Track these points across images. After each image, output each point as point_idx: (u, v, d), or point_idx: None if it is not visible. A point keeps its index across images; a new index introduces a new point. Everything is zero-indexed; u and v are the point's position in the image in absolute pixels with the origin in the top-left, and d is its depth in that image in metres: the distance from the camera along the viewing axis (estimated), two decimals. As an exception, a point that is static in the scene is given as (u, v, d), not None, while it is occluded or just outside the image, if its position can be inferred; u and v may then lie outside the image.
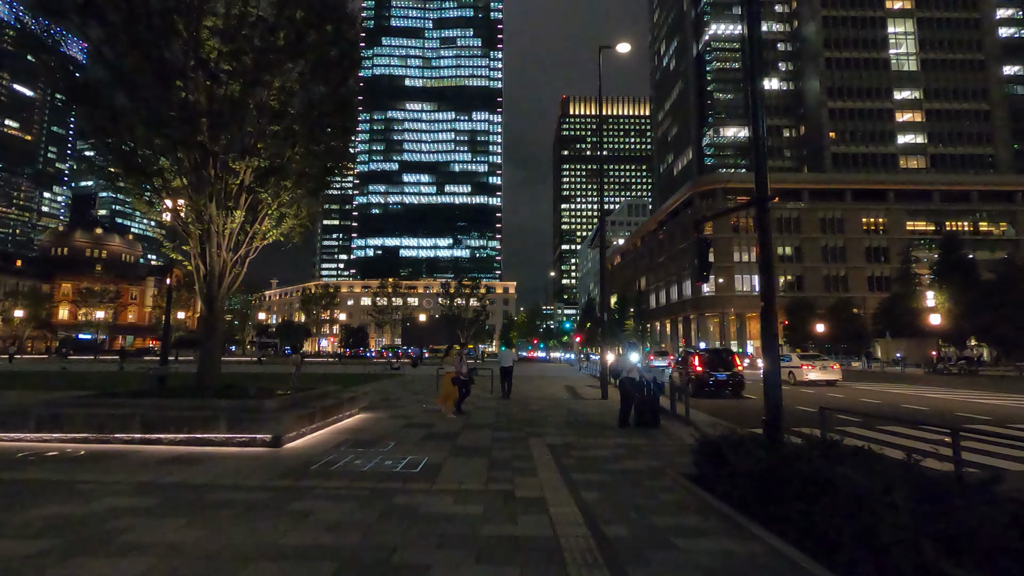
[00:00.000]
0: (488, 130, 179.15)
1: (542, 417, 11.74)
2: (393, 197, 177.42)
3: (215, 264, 9.61)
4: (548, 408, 13.61)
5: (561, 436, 9.12)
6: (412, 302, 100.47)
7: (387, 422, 10.52)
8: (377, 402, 14.49)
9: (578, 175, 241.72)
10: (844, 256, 73.42)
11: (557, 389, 20.63)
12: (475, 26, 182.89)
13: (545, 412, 12.68)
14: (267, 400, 7.97)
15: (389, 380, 25.39)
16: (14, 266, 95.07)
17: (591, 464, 6.91)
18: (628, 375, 9.89)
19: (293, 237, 10.59)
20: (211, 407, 7.80)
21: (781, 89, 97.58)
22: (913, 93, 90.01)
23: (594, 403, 15.02)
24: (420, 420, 11.00)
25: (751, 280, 73.72)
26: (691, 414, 10.89)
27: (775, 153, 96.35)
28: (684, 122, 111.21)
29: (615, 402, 15.16)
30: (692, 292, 77.05)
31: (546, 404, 14.70)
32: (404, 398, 16.10)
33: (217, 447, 7.41)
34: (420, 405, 13.89)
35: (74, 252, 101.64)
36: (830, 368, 24.14)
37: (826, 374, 23.74)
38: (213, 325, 9.60)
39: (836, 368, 24.41)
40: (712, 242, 74.34)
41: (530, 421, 11.03)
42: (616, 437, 9.11)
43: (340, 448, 7.71)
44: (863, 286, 72.31)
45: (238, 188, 9.46)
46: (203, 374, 9.40)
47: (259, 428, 7.42)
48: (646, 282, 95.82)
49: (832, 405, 15.06)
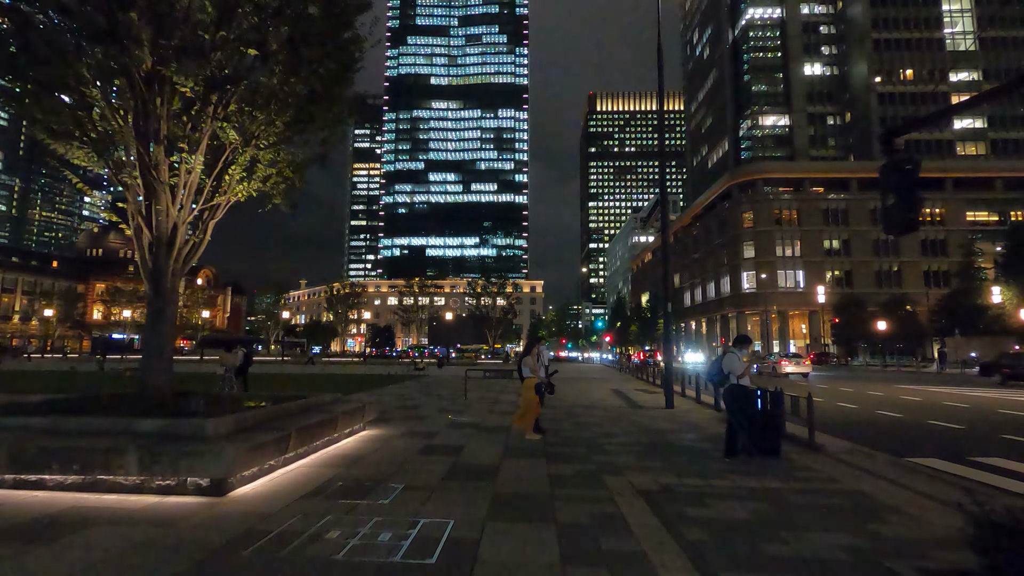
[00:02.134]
0: (514, 127, 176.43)
1: (604, 435, 8.83)
2: (419, 196, 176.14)
3: (164, 227, 6.96)
4: (606, 421, 10.68)
5: (650, 472, 6.19)
6: (438, 302, 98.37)
7: (399, 444, 7.75)
8: (392, 412, 11.74)
9: (606, 172, 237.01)
10: (897, 249, 68.32)
11: (603, 393, 17.64)
12: (501, 22, 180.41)
13: (605, 426, 9.77)
14: (212, 420, 5.23)
15: (412, 382, 22.76)
16: (50, 267, 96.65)
17: (737, 540, 3.99)
18: (739, 382, 6.90)
19: (275, 196, 7.88)
20: (126, 430, 5.15)
21: (825, 74, 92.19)
22: (971, 74, 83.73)
23: (662, 414, 11.99)
24: (444, 440, 8.21)
25: (795, 275, 69.48)
26: (815, 436, 7.84)
27: (818, 142, 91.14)
28: (719, 113, 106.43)
29: (685, 412, 12.16)
30: (731, 289, 72.90)
31: (600, 414, 11.77)
32: (426, 405, 13.35)
33: (125, 495, 4.74)
34: (445, 416, 11.11)
35: (108, 253, 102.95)
36: (803, 363, 31.89)
37: (799, 368, 31.08)
38: (162, 311, 6.95)
39: (807, 363, 32.20)
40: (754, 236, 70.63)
41: (592, 442, 8.13)
42: (734, 475, 6.13)
43: (316, 498, 4.94)
44: (918, 281, 67.22)
45: (193, 119, 6.79)
46: (147, 379, 6.77)
47: (193, 465, 4.71)
48: (679, 279, 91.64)
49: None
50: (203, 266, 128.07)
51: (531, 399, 8.50)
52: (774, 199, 71.45)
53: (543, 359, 8.93)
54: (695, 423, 10.49)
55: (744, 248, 70.49)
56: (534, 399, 8.51)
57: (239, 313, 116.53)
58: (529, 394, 8.53)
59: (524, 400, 8.71)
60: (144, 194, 6.86)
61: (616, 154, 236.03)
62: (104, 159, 6.74)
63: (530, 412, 8.48)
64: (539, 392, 8.52)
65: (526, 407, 8.60)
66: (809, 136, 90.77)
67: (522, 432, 8.60)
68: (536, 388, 8.50)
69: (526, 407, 8.60)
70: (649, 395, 17.03)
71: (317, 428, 6.51)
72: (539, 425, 8.72)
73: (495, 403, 14.15)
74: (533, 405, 8.49)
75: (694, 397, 14.90)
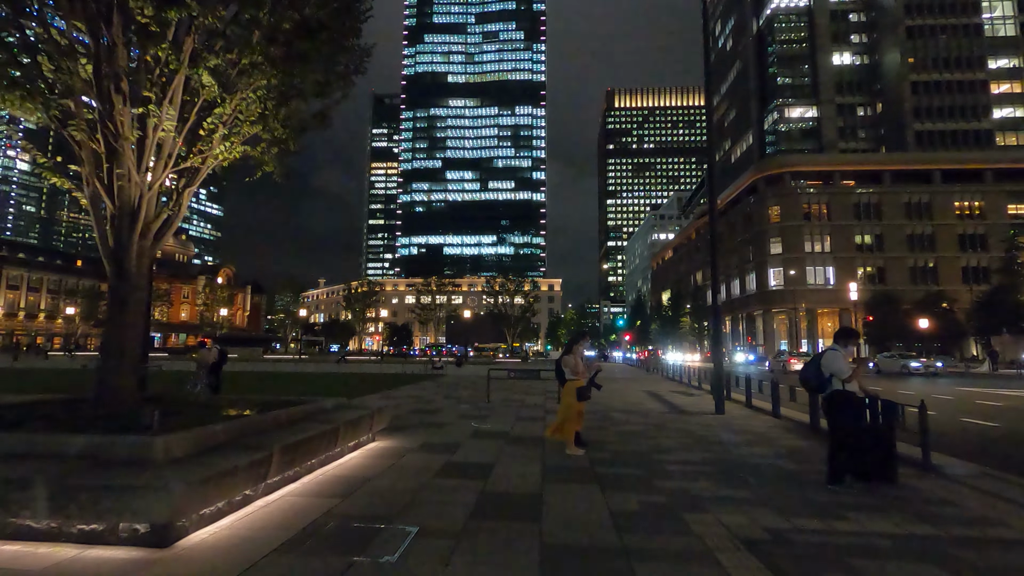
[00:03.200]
0: (531, 124, 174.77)
1: (658, 449, 7.34)
2: (436, 195, 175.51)
3: (128, 196, 5.66)
4: (652, 429, 9.18)
5: (742, 507, 4.66)
6: (455, 300, 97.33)
7: (413, 462, 6.36)
8: (407, 417, 10.39)
9: (624, 169, 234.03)
10: (933, 244, 65.31)
11: (637, 396, 16.07)
12: (518, 19, 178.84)
13: (654, 437, 8.27)
14: (162, 438, 3.86)
15: (430, 382, 21.41)
16: (75, 266, 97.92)
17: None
18: (844, 387, 5.36)
19: (265, 161, 6.53)
20: (54, 451, 3.82)
21: (854, 64, 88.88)
22: (1011, 61, 79.91)
23: (714, 421, 10.43)
24: (468, 456, 6.80)
25: (825, 272, 66.91)
26: (930, 456, 6.27)
27: (847, 134, 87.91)
28: (742, 106, 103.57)
29: (742, 420, 10.57)
30: (757, 286, 70.48)
31: (642, 421, 10.26)
32: (446, 409, 11.98)
33: (33, 544, 3.42)
34: (468, 423, 9.73)
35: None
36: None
37: None
38: (125, 299, 5.65)
39: None
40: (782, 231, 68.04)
41: (648, 460, 6.65)
42: (854, 512, 4.60)
43: (296, 551, 3.54)
44: (956, 277, 64.12)
45: (159, 59, 5.46)
46: (105, 382, 5.48)
47: (126, 504, 3.37)
48: (702, 277, 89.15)
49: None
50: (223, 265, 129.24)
51: (573, 406, 7.03)
52: (802, 193, 68.82)
53: (585, 358, 7.44)
54: (760, 433, 8.94)
55: (771, 244, 68.05)
56: (577, 407, 7.04)
57: (259, 312, 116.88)
58: (570, 400, 7.06)
59: (563, 407, 7.23)
60: (103, 155, 5.57)
61: (634, 151, 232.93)
62: (47, 106, 5.44)
63: (571, 422, 7.02)
64: (583, 398, 7.06)
65: (565, 415, 7.12)
66: (838, 128, 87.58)
67: (561, 446, 7.17)
68: (580, 393, 7.01)
69: (565, 415, 7.12)
70: (688, 398, 15.45)
71: (310, 444, 5.14)
72: (580, 438, 7.28)
73: (522, 407, 12.72)
74: (575, 414, 7.03)
75: (743, 401, 13.31)
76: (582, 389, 7.04)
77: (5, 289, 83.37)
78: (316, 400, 6.80)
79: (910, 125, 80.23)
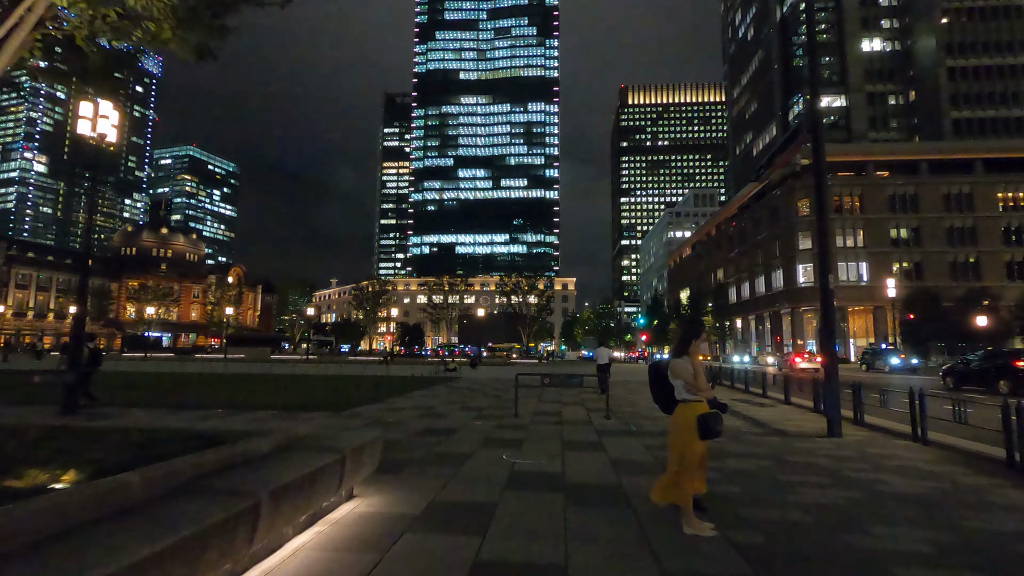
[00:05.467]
0: (544, 121, 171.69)
1: (826, 515, 4.33)
2: (448, 193, 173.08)
3: None
4: (771, 468, 6.14)
5: None
6: (468, 300, 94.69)
7: (410, 558, 3.51)
8: (409, 444, 7.46)
9: (638, 167, 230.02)
10: (975, 239, 61.43)
11: (694, 407, 13.10)
12: (530, 14, 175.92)
13: (793, 487, 5.19)
14: None
15: (442, 387, 18.46)
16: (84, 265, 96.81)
17: None
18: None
19: (160, 29, 3.72)
20: None
21: (885, 50, 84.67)
22: (1056, 44, 75.48)
23: (845, 450, 7.37)
24: (510, 544, 3.83)
25: (857, 268, 63.30)
26: None
27: (879, 124, 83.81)
28: (765, 96, 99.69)
29: (874, 446, 7.00)
30: (784, 283, 66.80)
31: (746, 451, 7.13)
32: (463, 428, 9.01)
33: None
34: (497, 452, 6.83)
35: (141, 251, 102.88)
36: (814, 361, 33.61)
37: (812, 364, 33.27)
38: None
39: (818, 360, 31.43)
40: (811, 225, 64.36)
41: (829, 542, 3.68)
42: None
43: None
44: (1000, 273, 60.27)
45: None
46: None
47: None
48: (723, 275, 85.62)
49: None
50: (233, 264, 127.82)
51: (693, 449, 4.01)
52: (833, 185, 65.09)
53: (700, 360, 4.37)
54: (938, 474, 5.89)
55: (800, 239, 64.43)
56: (699, 450, 4.05)
57: (270, 312, 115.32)
58: (688, 437, 4.00)
59: (677, 450, 4.12)
60: None
61: (648, 148, 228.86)
62: None
63: (689, 475, 3.97)
64: (709, 431, 3.94)
65: (681, 465, 4.05)
66: (868, 118, 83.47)
67: (673, 512, 4.19)
68: (704, 427, 3.92)
69: (681, 465, 4.05)
70: (765, 410, 12.40)
71: (175, 558, 2.29)
72: (699, 501, 4.30)
73: (561, 423, 9.79)
74: (696, 461, 4.01)
75: (810, 406, 10.26)
76: (707, 420, 3.95)
77: (14, 288, 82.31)
78: (248, 437, 3.90)
79: (946, 113, 76.02)
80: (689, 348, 4.15)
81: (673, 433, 4.16)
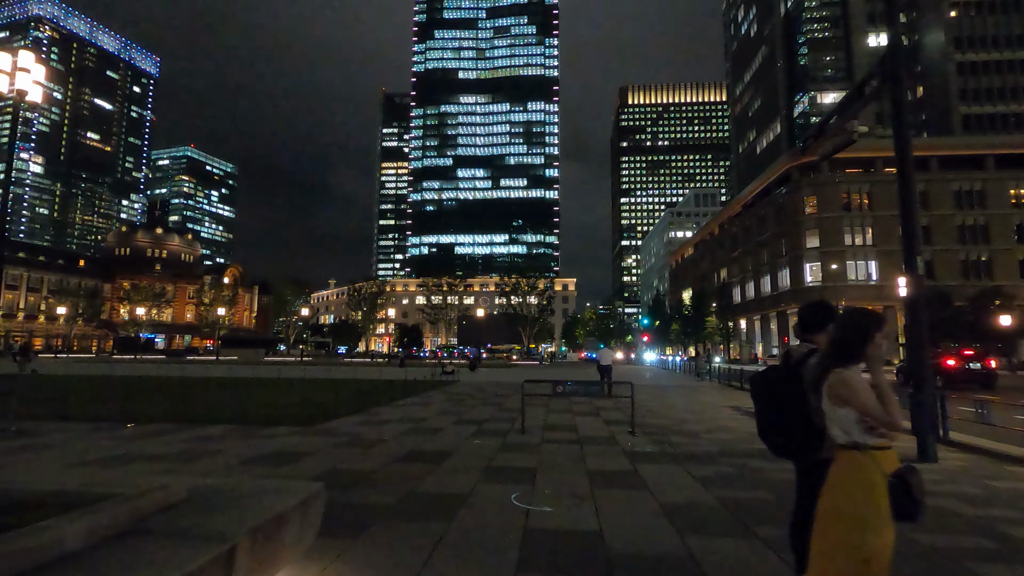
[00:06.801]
0: (544, 120, 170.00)
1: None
2: (447, 193, 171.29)
3: None
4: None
5: None
6: (467, 301, 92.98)
7: None
8: (381, 477, 5.74)
9: (638, 167, 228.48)
10: (987, 236, 59.79)
11: (733, 418, 11.33)
12: (530, 13, 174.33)
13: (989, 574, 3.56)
14: None
15: (437, 393, 16.72)
16: (77, 266, 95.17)
17: None
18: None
19: None
20: None
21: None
22: (1068, 38, 73.99)
23: (963, 486, 5.71)
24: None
25: (867, 266, 61.59)
26: None
27: (886, 119, 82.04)
28: (769, 93, 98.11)
29: (987, 477, 5.54)
30: (790, 282, 65.01)
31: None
32: (458, 453, 7.23)
33: None
34: (503, 494, 5.08)
35: (135, 252, 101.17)
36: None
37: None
38: None
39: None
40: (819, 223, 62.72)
41: None
42: None
43: None
44: (1013, 272, 58.63)
45: None
46: None
47: None
48: (728, 274, 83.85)
49: None
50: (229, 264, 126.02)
51: (876, 537, 2.05)
52: (841, 182, 63.49)
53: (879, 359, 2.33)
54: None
55: (807, 237, 62.71)
56: (888, 542, 2.07)
57: (267, 313, 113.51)
58: (868, 515, 2.08)
59: (837, 541, 2.14)
60: None
61: (649, 148, 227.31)
62: None
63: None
64: (910, 506, 2.02)
65: (858, 571, 2.05)
66: (875, 113, 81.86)
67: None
68: (902, 493, 2.03)
69: (858, 571, 2.05)
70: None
71: None
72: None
73: (578, 441, 8.09)
74: (883, 561, 2.01)
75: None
76: (909, 482, 2.09)
77: (4, 289, 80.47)
78: (38, 529, 2.09)
79: (956, 108, 74.48)
80: (867, 351, 2.36)
81: (830, 511, 2.26)
